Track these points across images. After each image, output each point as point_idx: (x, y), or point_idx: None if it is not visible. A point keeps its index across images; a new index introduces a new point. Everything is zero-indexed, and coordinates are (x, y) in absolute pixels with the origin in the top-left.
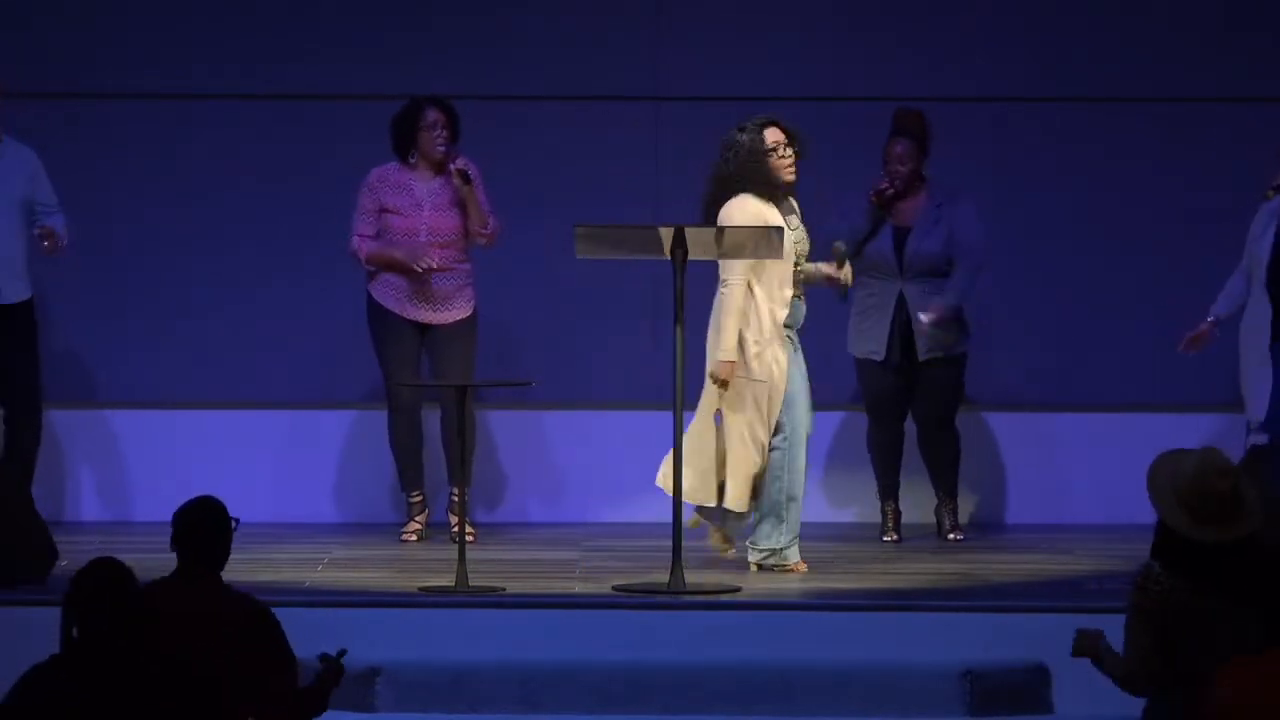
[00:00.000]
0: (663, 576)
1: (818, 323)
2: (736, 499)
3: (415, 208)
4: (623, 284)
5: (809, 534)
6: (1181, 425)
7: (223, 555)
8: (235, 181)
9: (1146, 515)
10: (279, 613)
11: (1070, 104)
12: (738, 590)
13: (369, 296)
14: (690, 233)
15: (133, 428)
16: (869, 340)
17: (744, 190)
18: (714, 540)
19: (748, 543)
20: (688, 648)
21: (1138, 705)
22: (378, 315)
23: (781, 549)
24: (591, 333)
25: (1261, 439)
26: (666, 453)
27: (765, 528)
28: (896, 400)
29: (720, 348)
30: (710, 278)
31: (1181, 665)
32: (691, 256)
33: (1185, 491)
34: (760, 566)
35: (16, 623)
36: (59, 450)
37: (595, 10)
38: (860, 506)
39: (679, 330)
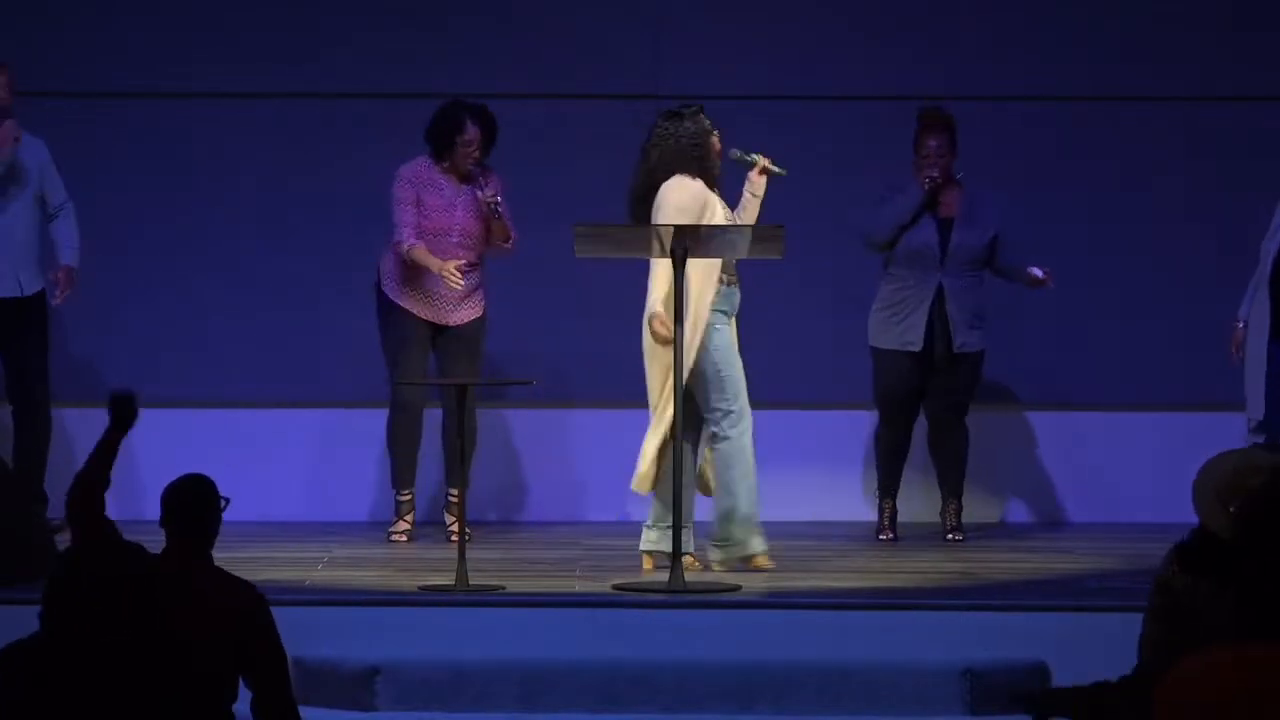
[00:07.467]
0: (662, 576)
1: (825, 320)
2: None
3: (448, 208)
4: (622, 283)
5: (809, 533)
6: (1182, 425)
7: (212, 533)
8: (239, 180)
9: (1146, 514)
10: (278, 612)
11: (1077, 103)
12: (738, 590)
13: (381, 294)
14: (690, 232)
15: (137, 426)
16: (905, 332)
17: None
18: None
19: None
20: (688, 648)
21: None
22: (392, 313)
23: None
24: (591, 332)
25: (1259, 439)
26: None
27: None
28: (911, 398)
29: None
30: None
31: None
32: (691, 256)
33: (1225, 491)
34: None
35: (16, 622)
36: (69, 448)
37: (595, 10)
38: (860, 506)
39: (679, 330)
